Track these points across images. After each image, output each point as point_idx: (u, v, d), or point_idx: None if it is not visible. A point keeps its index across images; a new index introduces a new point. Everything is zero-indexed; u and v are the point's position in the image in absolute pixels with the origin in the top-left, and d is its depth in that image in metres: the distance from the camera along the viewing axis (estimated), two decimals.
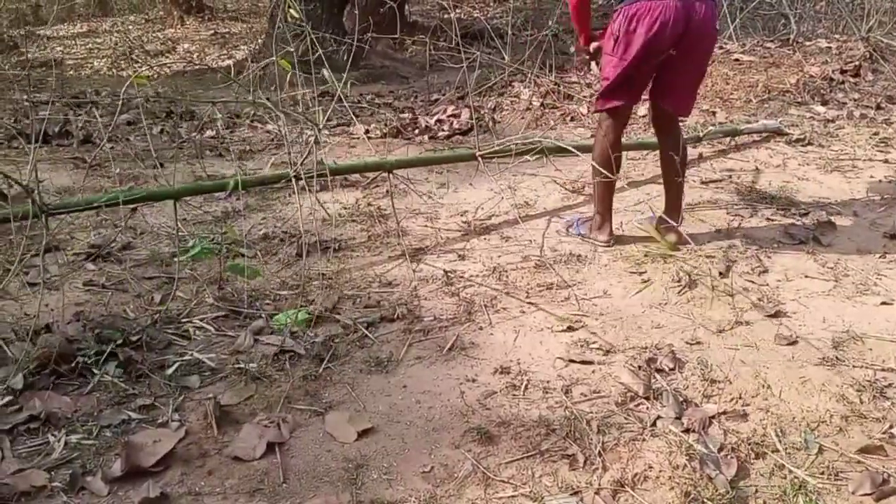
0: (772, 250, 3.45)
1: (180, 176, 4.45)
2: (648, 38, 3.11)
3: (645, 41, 3.12)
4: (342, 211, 4.09)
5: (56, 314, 2.84)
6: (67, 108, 6.27)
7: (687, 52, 3.21)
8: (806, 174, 4.46)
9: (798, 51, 6.71)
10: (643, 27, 3.11)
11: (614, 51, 3.23)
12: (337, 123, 6.05)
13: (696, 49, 3.24)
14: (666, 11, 3.08)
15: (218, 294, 3.11)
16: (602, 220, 3.57)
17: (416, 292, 3.13)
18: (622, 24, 3.17)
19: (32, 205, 2.78)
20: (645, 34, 3.11)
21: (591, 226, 3.63)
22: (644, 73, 3.29)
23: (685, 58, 3.23)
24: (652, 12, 3.09)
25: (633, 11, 3.14)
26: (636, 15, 3.13)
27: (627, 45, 3.17)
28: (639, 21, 3.12)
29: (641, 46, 3.13)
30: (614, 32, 3.22)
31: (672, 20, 3.08)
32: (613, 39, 3.23)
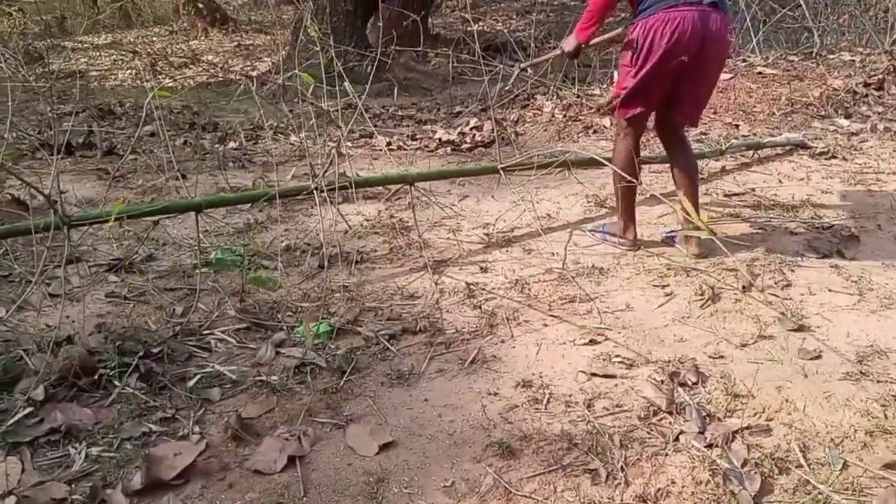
0: (795, 264, 3.41)
1: (203, 188, 4.49)
2: (667, 49, 3.18)
3: (663, 51, 3.20)
4: (364, 223, 4.10)
5: (78, 326, 2.86)
6: (91, 119, 6.33)
7: (702, 62, 3.27)
8: (830, 187, 4.41)
9: (821, 64, 6.66)
10: (662, 38, 3.18)
11: (632, 61, 3.30)
12: (360, 135, 6.07)
13: (711, 59, 3.30)
14: (684, 22, 3.15)
15: (239, 306, 3.11)
16: (626, 223, 3.66)
17: (438, 305, 3.13)
18: (641, 34, 3.24)
19: (55, 216, 2.80)
20: (664, 44, 3.19)
21: (616, 229, 3.71)
22: (661, 81, 3.33)
23: (700, 68, 3.29)
24: (671, 23, 3.16)
25: (652, 23, 3.20)
26: (654, 26, 3.19)
27: (648, 55, 3.23)
28: (657, 32, 3.19)
29: (660, 56, 3.21)
30: (633, 43, 3.28)
31: (690, 31, 3.15)
32: (632, 50, 3.29)
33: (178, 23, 16.49)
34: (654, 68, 3.24)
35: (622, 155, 3.53)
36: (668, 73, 3.28)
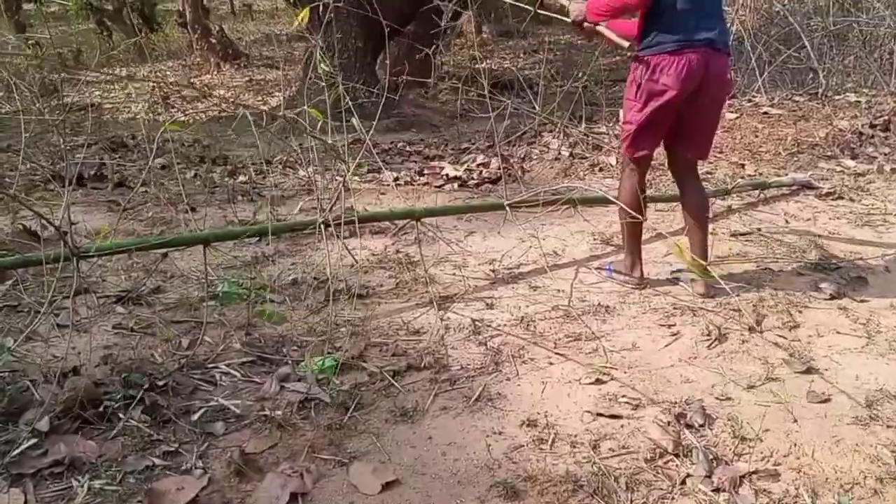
0: (803, 305, 3.40)
1: (211, 221, 4.51)
2: (670, 89, 3.23)
3: (667, 91, 3.24)
4: (371, 257, 4.10)
5: (84, 357, 2.86)
6: (103, 151, 6.39)
7: (705, 101, 3.33)
8: (836, 229, 4.41)
9: (827, 104, 6.69)
10: (666, 78, 3.23)
11: (637, 97, 3.35)
12: (367, 170, 6.10)
13: (714, 97, 3.38)
14: (689, 64, 3.20)
15: (245, 339, 3.11)
16: (633, 260, 3.66)
17: (444, 341, 3.12)
18: (644, 72, 3.28)
19: (65, 247, 2.82)
20: (667, 85, 3.23)
21: (623, 267, 3.71)
22: (665, 120, 3.37)
23: (704, 106, 3.36)
24: (675, 64, 3.21)
25: (657, 62, 3.25)
26: (658, 65, 3.25)
27: (650, 94, 3.29)
28: (661, 72, 3.23)
29: (664, 96, 3.25)
30: (636, 79, 3.33)
31: (693, 71, 3.20)
32: (636, 86, 3.34)
33: (191, 57, 16.69)
34: (659, 109, 3.29)
35: (628, 192, 3.54)
36: (672, 112, 3.32)
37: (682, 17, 3.21)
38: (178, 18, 17.91)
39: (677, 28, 3.21)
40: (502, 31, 18.43)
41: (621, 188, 3.62)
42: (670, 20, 3.22)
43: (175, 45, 18.71)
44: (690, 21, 3.21)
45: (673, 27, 3.22)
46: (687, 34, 3.20)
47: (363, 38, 9.29)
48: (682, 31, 3.21)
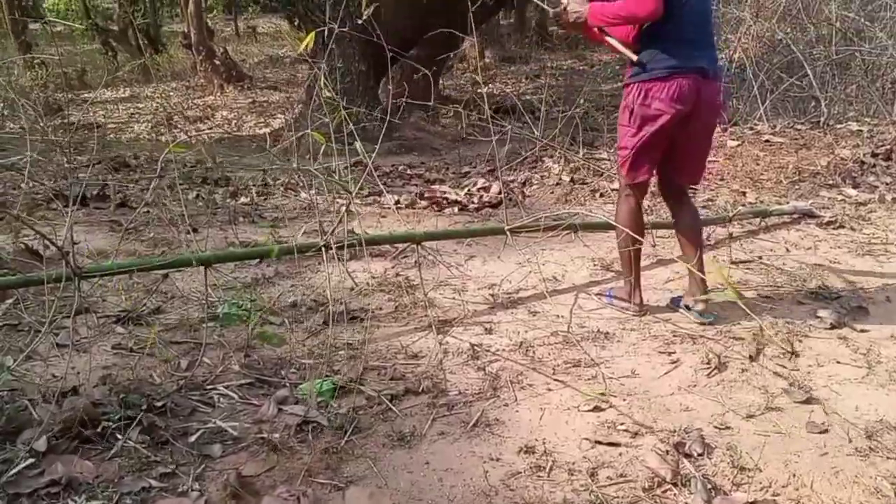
0: (803, 334, 3.40)
1: (213, 242, 4.52)
2: (663, 113, 3.27)
3: (660, 116, 3.28)
4: (370, 280, 4.11)
5: (83, 377, 2.85)
6: (106, 171, 6.41)
7: (697, 126, 3.39)
8: (837, 257, 4.41)
9: (829, 133, 6.70)
10: (659, 103, 3.27)
11: (630, 122, 3.38)
12: (368, 193, 6.12)
13: (705, 123, 3.44)
14: (680, 89, 3.24)
15: (244, 361, 3.11)
16: (633, 287, 3.65)
17: (442, 365, 3.11)
18: (636, 97, 3.32)
19: (66, 267, 2.82)
20: (660, 109, 3.27)
21: (623, 293, 3.71)
22: (660, 144, 3.41)
23: (696, 132, 3.42)
24: (667, 89, 3.24)
25: (649, 87, 3.28)
26: (651, 91, 3.28)
27: (643, 119, 3.33)
28: (654, 97, 3.28)
29: (657, 121, 3.30)
30: (629, 105, 3.37)
31: (685, 96, 3.25)
32: (629, 111, 3.38)
33: (194, 79, 16.79)
34: (653, 133, 3.33)
35: (625, 217, 3.56)
36: (666, 136, 3.37)
37: (677, 45, 3.25)
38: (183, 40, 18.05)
39: (672, 55, 3.25)
40: (505, 56, 18.56)
41: (618, 213, 3.64)
42: (666, 46, 3.26)
43: (179, 66, 18.84)
44: (685, 49, 3.26)
45: (668, 53, 3.25)
46: (680, 61, 3.24)
47: (366, 62, 9.37)
48: (676, 57, 3.25)
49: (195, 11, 16.66)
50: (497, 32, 19.38)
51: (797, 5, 7.67)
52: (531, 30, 22.02)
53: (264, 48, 23.93)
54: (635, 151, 3.41)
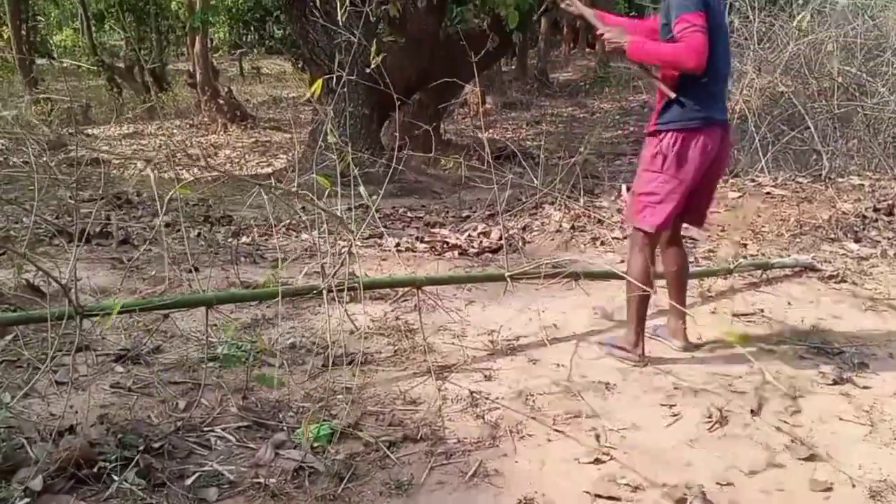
0: (805, 390, 3.37)
1: (214, 281, 4.51)
2: (699, 161, 3.36)
3: (697, 164, 3.37)
4: (370, 323, 4.09)
5: (81, 416, 2.82)
6: (109, 206, 6.42)
7: (712, 174, 3.55)
8: (839, 312, 4.40)
9: (830, 187, 6.72)
10: (695, 151, 3.35)
11: (664, 168, 3.40)
12: (369, 235, 6.13)
13: (720, 172, 3.69)
14: (712, 138, 3.38)
15: (242, 403, 3.09)
16: (636, 338, 3.63)
17: (441, 412, 3.09)
18: (671, 144, 3.36)
19: (69, 305, 2.82)
20: (697, 157, 3.36)
21: (625, 342, 3.67)
22: (686, 193, 3.46)
23: (711, 178, 3.57)
24: (703, 138, 3.35)
25: (686, 135, 3.35)
26: (687, 139, 3.35)
27: (679, 166, 3.38)
28: (690, 145, 3.35)
29: (694, 168, 3.38)
30: (663, 151, 3.39)
31: (715, 147, 3.40)
32: (661, 157, 3.39)
33: (198, 117, 16.93)
34: (688, 183, 3.40)
35: (639, 267, 3.55)
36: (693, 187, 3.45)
37: (710, 97, 3.37)
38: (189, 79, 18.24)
39: (706, 106, 3.35)
40: (506, 102, 18.76)
41: (631, 262, 3.62)
42: (701, 97, 3.33)
43: (183, 104, 19.01)
44: (716, 101, 3.41)
45: (702, 104, 3.34)
46: (710, 112, 3.36)
47: (370, 106, 9.46)
48: (709, 108, 3.36)
49: (201, 51, 16.88)
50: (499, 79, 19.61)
51: (799, 60, 7.75)
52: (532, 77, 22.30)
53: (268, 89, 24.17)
54: (664, 199, 3.43)
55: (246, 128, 16.09)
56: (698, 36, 3.18)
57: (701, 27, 3.18)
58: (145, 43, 21.54)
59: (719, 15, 3.41)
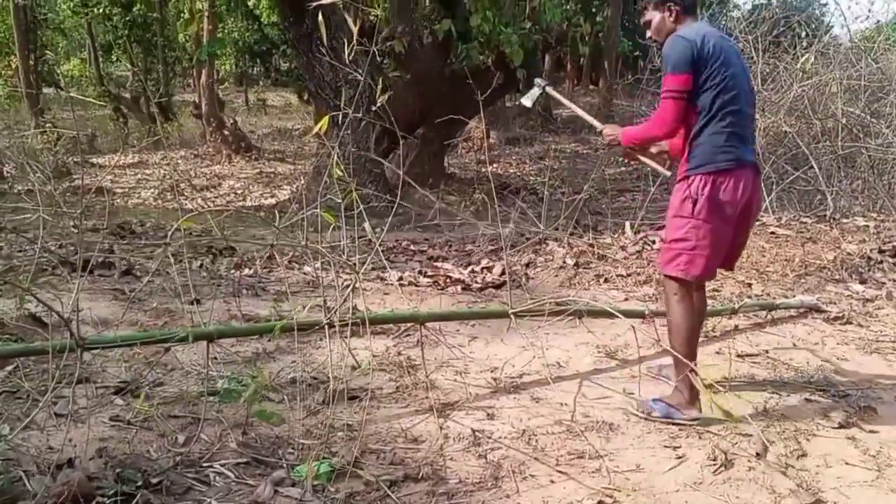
0: (811, 433, 3.34)
1: (216, 314, 4.49)
2: (731, 204, 3.28)
3: (729, 206, 3.28)
4: (372, 358, 4.06)
5: (80, 449, 2.80)
6: (112, 236, 6.43)
7: (748, 217, 3.45)
8: (845, 354, 4.37)
9: (835, 227, 6.70)
10: (725, 193, 3.26)
11: (695, 213, 3.29)
12: (372, 268, 6.11)
13: (754, 212, 3.52)
14: (745, 180, 3.30)
15: (241, 439, 3.06)
16: (690, 392, 3.39)
17: (442, 451, 3.06)
18: (700, 187, 3.27)
19: (70, 338, 2.80)
20: (729, 200, 3.27)
21: (676, 402, 3.43)
22: (727, 236, 3.36)
23: (746, 221, 3.46)
24: (734, 178, 3.27)
25: (716, 178, 3.27)
26: (718, 181, 3.27)
27: (710, 210, 3.27)
28: (720, 187, 3.26)
29: (727, 212, 3.28)
30: (692, 195, 3.29)
31: (748, 189, 3.32)
32: (692, 202, 3.29)
33: (203, 147, 17.02)
34: (724, 227, 3.30)
35: (679, 318, 3.38)
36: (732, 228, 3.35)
37: (737, 139, 3.29)
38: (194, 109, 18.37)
39: (733, 148, 3.28)
40: (509, 137, 18.85)
41: (670, 314, 3.44)
42: (726, 140, 3.27)
43: (188, 134, 19.12)
44: (743, 143, 3.32)
45: (728, 145, 3.27)
46: (739, 153, 3.29)
47: (374, 140, 9.50)
48: (736, 151, 3.28)
49: (207, 83, 17.01)
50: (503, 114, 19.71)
51: (803, 101, 7.79)
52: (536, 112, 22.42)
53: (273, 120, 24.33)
54: (698, 244, 3.30)
55: (250, 159, 16.17)
56: (668, 104, 3.28)
57: (676, 92, 3.26)
58: (152, 74, 21.73)
59: (733, 60, 3.35)
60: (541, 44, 10.68)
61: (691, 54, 3.25)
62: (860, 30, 9.62)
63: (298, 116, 24.25)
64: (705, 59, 3.25)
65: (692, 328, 3.41)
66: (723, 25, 8.82)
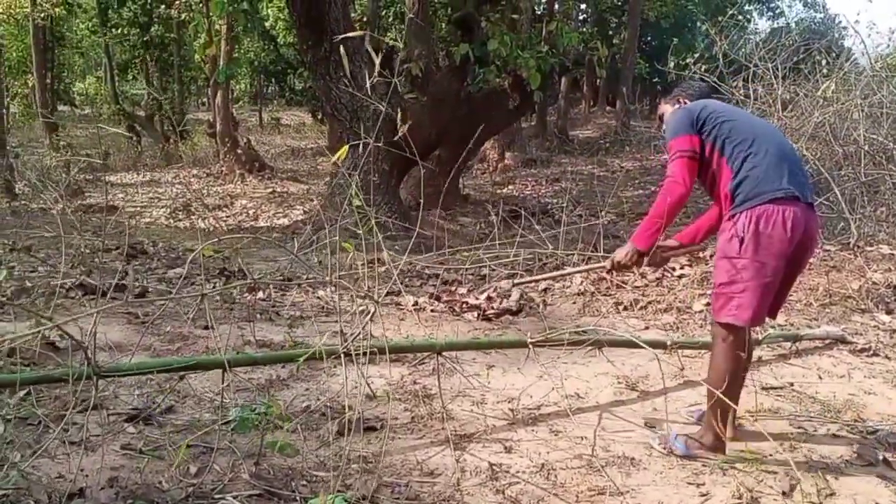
0: (839, 471, 3.24)
1: (229, 339, 4.44)
2: (780, 240, 3.09)
3: (777, 243, 3.10)
4: (387, 387, 4.00)
5: (91, 479, 2.76)
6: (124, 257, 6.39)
7: (799, 259, 3.25)
8: (872, 388, 4.26)
9: (859, 255, 6.58)
10: (774, 228, 3.09)
11: (742, 251, 3.14)
12: (387, 293, 6.05)
13: (806, 256, 3.31)
14: (794, 215, 3.09)
15: (254, 470, 2.99)
16: (716, 440, 3.29)
17: (459, 486, 2.98)
18: (746, 224, 3.13)
19: (87, 365, 2.76)
20: (777, 235, 3.09)
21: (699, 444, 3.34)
22: (779, 277, 3.18)
23: (796, 264, 3.26)
24: (782, 214, 3.09)
25: (761, 212, 3.11)
26: (764, 216, 3.10)
27: (757, 247, 3.11)
28: (768, 222, 3.09)
29: (777, 249, 3.10)
30: (738, 233, 3.15)
31: (798, 225, 3.10)
32: (738, 240, 3.15)
33: (216, 166, 17.07)
34: (774, 264, 3.12)
35: (724, 366, 3.21)
36: (785, 266, 3.16)
37: (773, 170, 3.15)
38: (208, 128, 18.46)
39: (772, 180, 3.13)
40: (525, 158, 18.85)
41: (715, 362, 3.28)
42: (764, 172, 3.15)
43: (202, 153, 19.20)
44: (779, 174, 3.15)
45: (768, 178, 3.14)
46: (782, 187, 3.12)
47: (389, 162, 9.49)
48: (777, 183, 3.13)
49: (222, 102, 17.08)
50: (518, 135, 19.73)
51: (825, 128, 7.70)
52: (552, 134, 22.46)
53: (287, 139, 24.43)
54: (748, 285, 3.14)
55: (263, 178, 16.21)
56: (677, 163, 3.25)
57: (683, 152, 3.25)
58: (167, 93, 21.91)
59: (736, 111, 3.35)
60: (557, 66, 10.65)
61: (690, 118, 3.27)
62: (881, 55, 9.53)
63: (312, 136, 24.35)
64: (707, 118, 3.25)
65: (735, 374, 3.22)
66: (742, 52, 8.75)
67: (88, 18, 25.95)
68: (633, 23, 21.81)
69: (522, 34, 10.64)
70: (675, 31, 26.53)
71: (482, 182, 16.25)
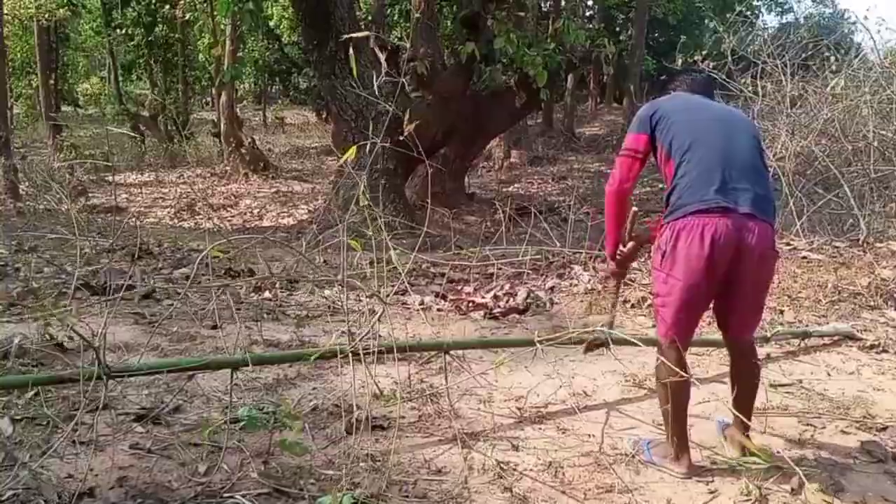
0: (848, 467, 3.24)
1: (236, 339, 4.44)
2: (695, 256, 2.92)
3: (696, 259, 2.93)
4: (394, 386, 4.00)
5: (100, 478, 2.77)
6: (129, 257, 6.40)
7: (743, 275, 3.01)
8: (882, 384, 4.24)
9: (869, 252, 6.54)
10: (691, 245, 2.93)
11: (662, 265, 3.04)
12: (393, 292, 6.05)
13: (752, 271, 3.02)
14: (716, 229, 2.90)
15: (263, 469, 3.00)
16: (678, 448, 3.16)
17: (467, 483, 2.98)
18: (669, 238, 3.01)
19: (97, 366, 2.77)
20: (696, 252, 2.92)
21: (666, 454, 3.22)
22: (700, 295, 3.04)
23: (742, 281, 3.03)
24: (698, 228, 2.92)
25: (682, 226, 2.97)
26: (685, 230, 2.96)
27: (674, 262, 2.99)
28: (687, 238, 2.95)
29: (695, 265, 2.94)
30: (661, 247, 3.06)
31: (721, 239, 2.90)
32: (661, 254, 3.05)
33: (220, 166, 17.08)
34: (690, 281, 2.96)
35: (665, 374, 3.08)
36: (705, 287, 3.00)
37: (703, 183, 2.98)
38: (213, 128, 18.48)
39: (699, 189, 2.96)
40: (532, 156, 18.82)
41: (657, 368, 3.19)
42: (691, 181, 3.00)
43: (206, 152, 19.21)
44: (708, 187, 2.96)
45: (695, 188, 2.98)
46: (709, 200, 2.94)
47: (395, 160, 9.49)
48: (703, 195, 2.96)
49: (227, 102, 17.10)
50: (525, 133, 19.71)
51: (834, 124, 7.69)
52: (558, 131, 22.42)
53: (291, 139, 24.42)
54: (667, 300, 3.07)
55: (267, 177, 16.22)
56: (616, 163, 3.29)
57: (625, 151, 3.26)
58: (171, 93, 21.94)
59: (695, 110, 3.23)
60: (564, 64, 10.62)
61: (645, 115, 3.23)
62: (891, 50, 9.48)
63: (316, 134, 24.34)
64: (662, 118, 3.17)
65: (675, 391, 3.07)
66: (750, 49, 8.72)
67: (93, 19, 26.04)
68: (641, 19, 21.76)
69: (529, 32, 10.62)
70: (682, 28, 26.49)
71: (488, 180, 16.24)
